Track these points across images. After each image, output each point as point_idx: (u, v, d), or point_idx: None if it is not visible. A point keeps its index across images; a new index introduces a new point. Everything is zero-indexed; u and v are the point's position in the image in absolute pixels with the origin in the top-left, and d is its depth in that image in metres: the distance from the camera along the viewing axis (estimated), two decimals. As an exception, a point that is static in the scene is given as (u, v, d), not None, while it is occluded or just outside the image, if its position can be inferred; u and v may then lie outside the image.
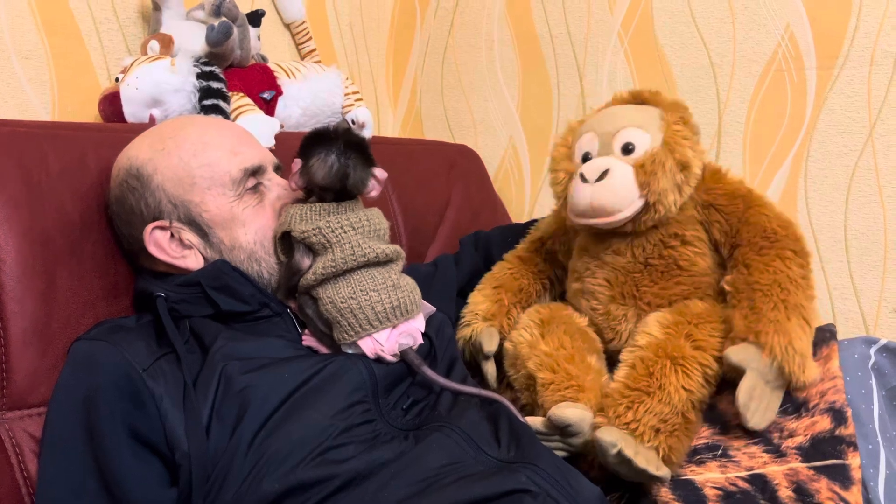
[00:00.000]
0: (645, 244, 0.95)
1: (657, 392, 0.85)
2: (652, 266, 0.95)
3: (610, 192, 0.90)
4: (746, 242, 0.91)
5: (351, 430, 0.78)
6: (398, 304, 0.85)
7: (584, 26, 1.47)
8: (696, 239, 0.94)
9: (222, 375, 0.79)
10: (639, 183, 0.90)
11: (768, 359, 0.83)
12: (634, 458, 0.81)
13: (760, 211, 0.92)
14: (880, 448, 0.87)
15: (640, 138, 0.93)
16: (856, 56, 1.22)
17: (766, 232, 0.90)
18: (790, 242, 0.90)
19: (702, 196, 0.95)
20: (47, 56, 1.13)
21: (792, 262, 0.88)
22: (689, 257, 0.94)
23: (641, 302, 0.95)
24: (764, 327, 0.84)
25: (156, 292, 0.86)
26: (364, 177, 0.87)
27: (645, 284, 0.95)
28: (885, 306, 1.24)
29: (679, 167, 0.91)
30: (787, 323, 0.84)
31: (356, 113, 1.34)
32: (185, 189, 0.88)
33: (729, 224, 0.93)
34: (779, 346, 0.83)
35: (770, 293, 0.86)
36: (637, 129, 0.93)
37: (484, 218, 1.46)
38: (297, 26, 1.47)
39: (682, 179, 0.92)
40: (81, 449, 0.77)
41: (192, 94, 1.09)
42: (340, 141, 0.86)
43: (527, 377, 0.96)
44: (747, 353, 0.84)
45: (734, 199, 0.94)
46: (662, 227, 0.94)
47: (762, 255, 0.89)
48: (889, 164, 1.21)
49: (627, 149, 0.93)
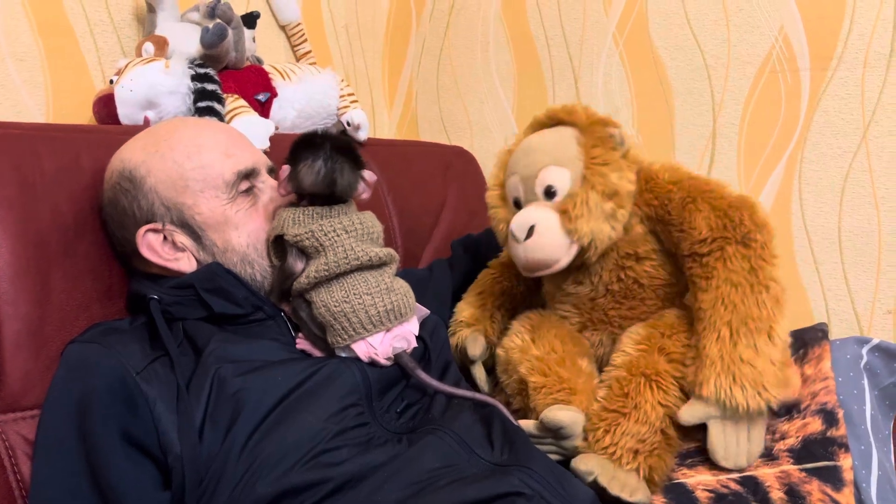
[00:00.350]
0: (601, 272, 0.93)
1: (633, 412, 0.84)
2: (613, 290, 0.93)
3: (539, 248, 0.88)
4: (688, 253, 0.87)
5: (344, 434, 0.78)
6: (392, 308, 0.85)
7: (580, 28, 1.47)
8: (651, 252, 0.92)
9: (215, 378, 0.79)
10: (566, 230, 0.87)
11: (718, 408, 0.82)
12: (609, 486, 0.81)
13: (692, 209, 0.87)
14: (873, 449, 0.87)
15: (559, 178, 0.89)
16: (849, 58, 1.22)
17: (701, 235, 0.86)
18: (729, 233, 0.85)
19: (643, 209, 0.91)
20: (42, 58, 1.13)
21: (734, 260, 0.83)
22: (648, 273, 0.92)
23: (612, 326, 0.95)
24: (705, 375, 0.82)
25: (149, 295, 0.86)
26: (353, 180, 0.87)
27: (611, 308, 0.94)
28: (879, 308, 1.24)
29: (606, 198, 0.87)
30: (731, 353, 0.81)
31: (351, 115, 1.34)
32: (177, 191, 0.88)
33: (671, 234, 0.89)
34: (723, 392, 0.80)
35: (713, 320, 0.83)
36: (556, 167, 0.90)
37: (480, 219, 1.45)
38: (293, 28, 1.47)
39: (614, 207, 0.88)
40: (75, 452, 0.77)
41: (186, 96, 1.09)
42: (327, 145, 0.86)
43: (519, 382, 0.96)
44: (696, 409, 0.83)
45: (667, 205, 0.89)
46: (613, 251, 0.92)
47: (703, 265, 0.86)
48: (883, 166, 1.22)
49: (549, 192, 0.90)
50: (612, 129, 0.91)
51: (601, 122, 0.92)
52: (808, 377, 0.90)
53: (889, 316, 1.24)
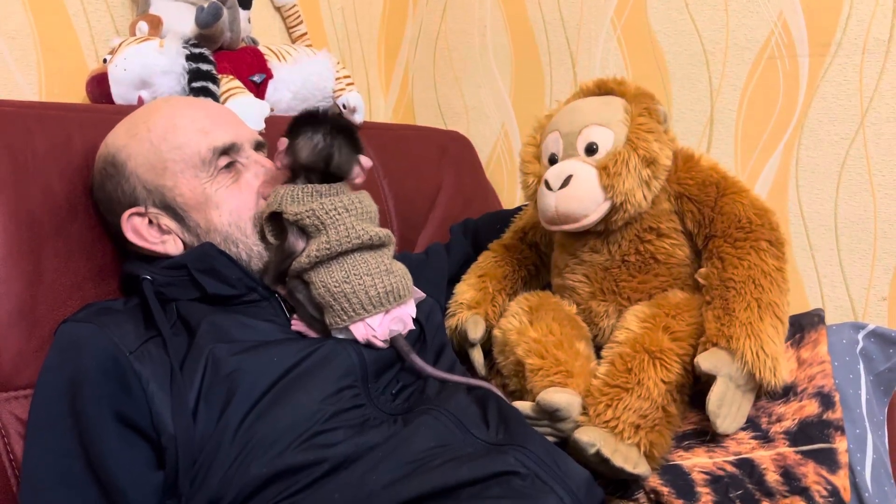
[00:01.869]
0: (620, 241, 0.94)
1: (636, 388, 0.84)
2: (629, 262, 0.94)
3: (574, 198, 0.89)
4: (721, 233, 0.89)
5: (340, 415, 0.78)
6: (391, 289, 0.84)
7: (578, 12, 1.46)
8: (673, 230, 0.93)
9: (210, 358, 0.78)
10: (603, 186, 0.88)
11: (739, 364, 0.82)
12: (612, 458, 0.81)
13: (735, 199, 0.90)
14: (867, 433, 0.88)
15: (603, 137, 0.90)
16: (848, 44, 1.22)
17: (740, 222, 0.88)
18: (766, 232, 0.88)
19: (674, 187, 0.93)
20: (34, 36, 1.12)
21: (767, 255, 0.86)
22: (666, 250, 0.93)
23: (621, 297, 0.95)
24: (735, 332, 0.83)
25: (142, 275, 0.85)
26: (349, 160, 0.86)
27: (624, 279, 0.94)
28: (874, 294, 1.25)
29: (645, 163, 0.89)
30: (759, 324, 0.83)
31: (347, 97, 1.33)
32: (157, 174, 0.87)
33: (702, 214, 0.91)
34: (750, 352, 0.82)
35: (744, 291, 0.84)
36: (600, 126, 0.91)
37: (475, 204, 1.46)
38: (288, 9, 1.46)
39: (650, 175, 0.89)
40: (67, 431, 0.76)
41: (181, 76, 1.08)
42: (329, 123, 0.85)
43: (515, 364, 0.96)
44: (718, 359, 0.83)
45: (706, 187, 0.91)
46: (637, 223, 0.93)
47: (737, 247, 0.87)
48: (880, 153, 1.22)
49: (591, 149, 0.91)
50: (659, 105, 0.94)
51: (650, 95, 0.94)
52: (804, 360, 0.90)
53: (884, 303, 1.24)
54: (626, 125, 0.91)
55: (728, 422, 0.83)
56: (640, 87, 0.95)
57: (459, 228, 1.24)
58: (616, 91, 0.95)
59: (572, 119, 0.93)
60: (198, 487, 0.75)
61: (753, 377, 0.82)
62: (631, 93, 0.94)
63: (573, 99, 0.99)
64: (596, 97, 0.96)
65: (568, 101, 0.99)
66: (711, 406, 0.82)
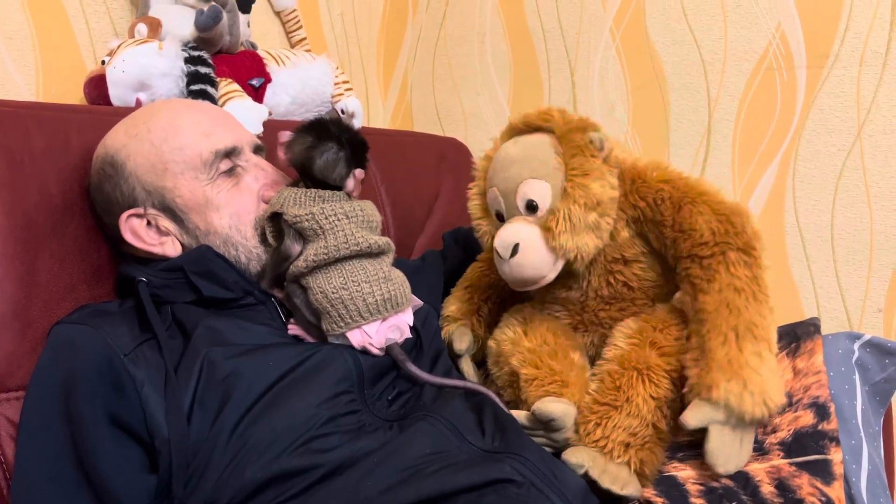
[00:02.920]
0: (590, 277, 0.92)
1: (625, 405, 0.84)
2: (603, 295, 0.93)
3: (526, 266, 0.87)
4: (686, 254, 0.85)
5: (336, 420, 0.77)
6: (389, 297, 0.84)
7: (577, 21, 1.47)
8: (639, 255, 0.91)
9: (205, 361, 0.78)
10: (550, 248, 0.86)
11: (725, 411, 0.80)
12: (600, 479, 0.80)
13: (692, 210, 0.85)
14: (863, 443, 0.87)
15: (540, 192, 0.87)
16: (845, 56, 1.22)
17: (702, 237, 0.83)
18: (732, 239, 0.83)
19: (628, 211, 0.89)
20: (32, 37, 1.11)
21: (737, 266, 0.82)
22: (637, 275, 0.91)
23: (604, 328, 0.94)
24: (714, 378, 0.79)
25: (138, 277, 0.85)
26: (338, 171, 0.85)
27: (602, 310, 0.93)
28: (870, 306, 1.25)
29: (588, 209, 0.85)
30: (738, 358, 0.79)
31: (346, 102, 1.33)
32: (157, 175, 0.87)
33: (663, 235, 0.87)
34: (734, 396, 0.78)
35: (717, 322, 0.81)
36: (535, 180, 0.87)
37: (472, 211, 1.45)
38: (288, 14, 1.46)
39: (597, 218, 0.85)
40: (59, 434, 0.76)
41: (179, 79, 1.08)
42: (337, 133, 0.85)
43: (510, 374, 0.95)
44: (703, 412, 0.80)
45: (658, 205, 0.87)
46: (601, 257, 0.91)
47: (704, 267, 0.83)
48: (876, 164, 1.22)
49: (531, 206, 0.87)
50: (591, 133, 0.88)
51: (579, 127, 0.88)
52: (800, 370, 0.89)
53: (880, 314, 1.24)
54: (561, 171, 0.86)
55: (732, 464, 0.81)
56: (569, 119, 0.90)
57: (450, 236, 1.24)
58: (543, 128, 0.90)
59: (507, 175, 0.89)
60: (192, 491, 0.74)
61: (744, 418, 0.80)
62: (559, 129, 0.88)
63: (504, 137, 0.95)
64: (527, 137, 0.91)
65: (503, 138, 0.95)
66: (711, 459, 0.80)
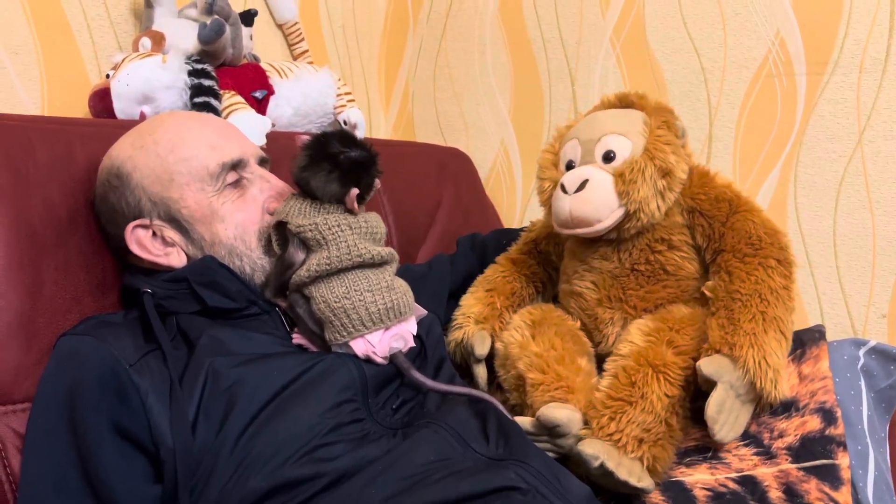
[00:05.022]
0: (631, 249, 0.94)
1: (639, 401, 0.84)
2: (639, 271, 0.94)
3: (589, 203, 0.90)
4: (730, 248, 0.89)
5: (339, 429, 0.77)
6: (392, 306, 0.84)
7: (577, 30, 1.48)
8: (684, 243, 0.94)
9: (209, 371, 0.78)
10: (618, 192, 0.89)
11: (741, 372, 0.82)
12: (616, 471, 0.81)
13: (746, 216, 0.91)
14: (869, 449, 0.87)
15: (621, 145, 0.92)
16: (845, 62, 1.23)
17: (750, 238, 0.89)
18: (775, 251, 0.88)
19: (687, 201, 0.94)
20: (37, 51, 1.12)
21: (775, 272, 0.87)
22: (676, 262, 0.93)
23: (628, 305, 0.95)
24: (739, 339, 0.83)
25: (142, 288, 0.85)
26: (328, 190, 0.84)
27: (631, 288, 0.95)
28: (874, 311, 1.25)
29: (661, 173, 0.90)
30: (763, 336, 0.83)
31: (348, 114, 1.34)
32: (163, 186, 0.88)
33: (712, 228, 0.92)
34: (752, 361, 0.81)
35: (749, 303, 0.85)
36: (619, 135, 0.92)
37: (475, 221, 1.46)
38: (290, 27, 1.47)
39: (665, 185, 0.90)
40: (65, 444, 0.76)
41: (183, 92, 1.08)
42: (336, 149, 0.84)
43: (517, 378, 0.95)
44: (720, 365, 0.82)
45: (718, 203, 0.92)
46: (649, 233, 0.93)
47: (745, 262, 0.88)
48: (878, 170, 1.22)
49: (608, 157, 0.92)
50: (678, 120, 0.95)
51: (669, 110, 0.96)
52: (805, 376, 0.89)
53: (884, 320, 1.24)
54: (645, 136, 0.92)
55: (726, 430, 0.83)
56: (661, 102, 0.97)
57: (468, 242, 1.23)
58: (637, 104, 0.97)
59: (592, 128, 0.95)
60: (196, 501, 0.74)
61: (754, 387, 0.82)
62: (651, 106, 0.96)
63: (594, 111, 1.00)
64: (616, 109, 0.97)
65: (588, 113, 1.00)
66: (710, 411, 0.81)
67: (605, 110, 0.99)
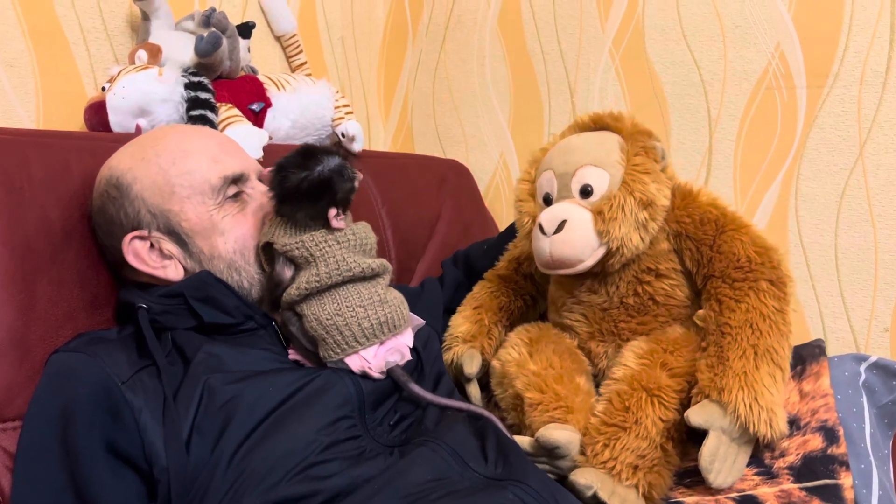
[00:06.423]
0: (618, 282, 0.92)
1: (633, 427, 0.83)
2: (627, 304, 0.92)
3: (568, 244, 0.87)
4: (719, 273, 0.87)
5: (336, 446, 0.77)
6: (385, 320, 0.83)
7: (576, 43, 1.47)
8: (672, 271, 0.91)
9: (205, 388, 0.77)
10: (598, 231, 0.86)
11: (731, 418, 0.80)
12: (609, 501, 0.80)
13: (734, 236, 0.87)
14: (873, 468, 0.86)
15: (597, 178, 0.88)
16: (846, 75, 1.22)
17: (739, 261, 0.86)
18: (766, 271, 0.85)
19: (672, 225, 0.91)
20: (33, 64, 1.12)
21: (767, 296, 0.84)
22: (665, 291, 0.91)
23: (620, 339, 0.93)
24: (728, 383, 0.80)
25: (138, 303, 0.84)
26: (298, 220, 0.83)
27: (623, 321, 0.93)
28: (876, 325, 1.24)
29: (641, 206, 0.86)
30: (754, 374, 0.80)
31: (346, 126, 1.33)
32: (164, 198, 0.87)
33: (700, 253, 0.89)
34: (743, 405, 0.79)
35: (739, 337, 0.82)
36: (595, 167, 0.89)
37: (474, 233, 1.45)
38: (288, 39, 1.47)
39: (647, 217, 0.87)
40: (56, 463, 0.75)
41: (179, 105, 1.08)
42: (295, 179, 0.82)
43: (514, 397, 0.94)
44: (709, 413, 0.80)
45: (704, 225, 0.89)
46: (635, 264, 0.91)
47: (735, 288, 0.85)
48: (879, 183, 1.21)
49: (586, 191, 0.89)
50: (656, 141, 0.91)
51: (646, 132, 0.92)
52: (806, 393, 0.88)
53: (886, 334, 1.23)
54: (622, 165, 0.88)
55: (722, 476, 0.81)
56: (637, 124, 0.93)
57: (449, 261, 1.23)
58: (612, 127, 0.93)
59: (567, 159, 0.91)
60: (190, 520, 0.73)
61: (747, 431, 0.80)
62: (627, 130, 0.91)
63: (569, 132, 0.97)
64: (591, 133, 0.94)
65: (564, 134, 0.97)
66: (703, 462, 0.80)
67: (580, 134, 0.95)
